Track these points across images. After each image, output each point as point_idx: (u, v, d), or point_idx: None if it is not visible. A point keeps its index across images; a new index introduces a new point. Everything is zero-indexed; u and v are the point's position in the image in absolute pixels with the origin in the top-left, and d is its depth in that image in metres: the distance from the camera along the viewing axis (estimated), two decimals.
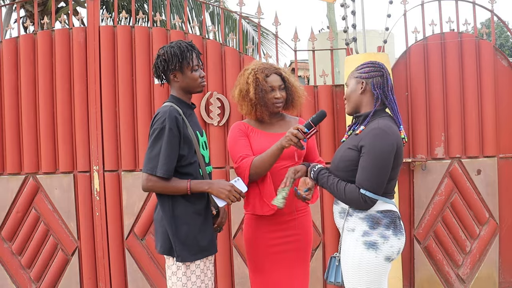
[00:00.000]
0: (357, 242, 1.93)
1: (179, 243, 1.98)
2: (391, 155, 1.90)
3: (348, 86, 2.08)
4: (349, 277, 1.96)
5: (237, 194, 2.01)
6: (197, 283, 2.02)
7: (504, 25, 3.81)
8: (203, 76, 2.11)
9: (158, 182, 1.94)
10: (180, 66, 2.04)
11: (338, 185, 1.96)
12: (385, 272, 1.94)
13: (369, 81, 2.00)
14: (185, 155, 2.00)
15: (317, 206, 3.44)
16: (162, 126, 1.94)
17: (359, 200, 1.89)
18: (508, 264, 3.57)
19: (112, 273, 3.42)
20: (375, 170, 1.88)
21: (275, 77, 2.28)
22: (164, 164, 1.92)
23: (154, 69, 2.11)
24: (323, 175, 2.02)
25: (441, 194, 3.50)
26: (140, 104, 3.41)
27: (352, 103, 2.06)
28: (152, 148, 1.95)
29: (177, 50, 2.03)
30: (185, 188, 1.96)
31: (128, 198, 3.41)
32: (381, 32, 3.54)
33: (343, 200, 1.96)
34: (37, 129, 3.41)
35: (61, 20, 3.50)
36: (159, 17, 3.53)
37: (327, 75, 3.57)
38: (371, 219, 1.92)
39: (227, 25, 7.34)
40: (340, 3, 3.44)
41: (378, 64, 2.04)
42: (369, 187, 1.88)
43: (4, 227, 3.41)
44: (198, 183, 1.99)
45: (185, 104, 2.11)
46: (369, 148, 1.89)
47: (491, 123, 3.53)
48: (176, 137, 1.95)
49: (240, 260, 3.43)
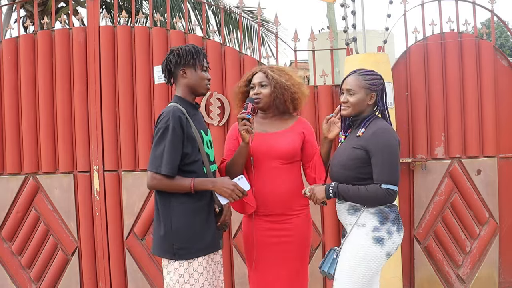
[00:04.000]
0: (367, 236, 2.03)
1: (178, 240, 2.00)
2: (398, 148, 2.07)
3: (356, 93, 2.13)
4: (346, 268, 2.04)
5: (240, 192, 2.06)
6: (199, 280, 2.02)
7: (504, 25, 3.81)
8: (210, 79, 2.18)
9: (163, 180, 1.98)
10: (193, 63, 2.10)
11: (360, 189, 2.05)
12: (381, 267, 2.06)
13: (377, 93, 2.15)
14: (189, 154, 2.03)
15: (317, 206, 3.44)
16: (166, 125, 1.98)
17: (384, 195, 2.01)
18: (508, 264, 3.57)
19: (112, 273, 3.42)
20: (388, 164, 2.02)
21: (257, 75, 2.36)
22: (168, 162, 1.96)
23: (164, 63, 2.15)
24: (343, 187, 2.11)
25: (441, 194, 3.50)
26: (140, 104, 3.41)
27: (357, 110, 2.16)
28: (157, 147, 1.99)
29: (192, 49, 2.12)
30: (189, 186, 1.99)
31: (128, 198, 3.41)
32: (381, 32, 3.54)
33: (369, 201, 2.05)
34: (37, 129, 3.41)
35: (61, 20, 3.50)
36: (159, 17, 3.53)
37: (327, 75, 3.57)
38: (381, 214, 2.04)
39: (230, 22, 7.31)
40: (340, 3, 3.44)
41: (381, 76, 2.19)
42: (389, 181, 2.01)
43: (4, 227, 3.42)
44: (202, 181, 2.02)
45: (189, 104, 2.14)
46: (378, 146, 2.02)
47: (491, 123, 3.52)
48: (179, 136, 1.99)
49: (240, 260, 3.43)
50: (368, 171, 2.05)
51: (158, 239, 2.06)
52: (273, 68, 2.39)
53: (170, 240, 2.01)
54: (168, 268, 2.06)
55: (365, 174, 2.06)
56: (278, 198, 2.27)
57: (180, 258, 2.01)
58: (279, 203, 2.27)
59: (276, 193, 2.27)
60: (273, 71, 2.35)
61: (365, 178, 2.06)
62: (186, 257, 2.01)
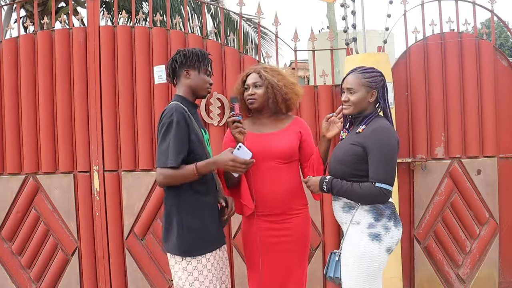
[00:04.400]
0: (363, 234, 2.03)
1: (188, 237, 2.01)
2: (396, 148, 2.05)
3: (356, 92, 2.13)
4: (350, 269, 2.04)
5: (241, 165, 2.03)
6: (208, 276, 2.04)
7: (504, 25, 3.81)
8: (212, 83, 2.21)
9: (167, 171, 1.98)
10: (198, 66, 2.13)
11: (353, 186, 2.05)
12: (383, 263, 2.05)
13: (378, 90, 2.14)
14: (194, 148, 2.05)
15: (317, 206, 3.44)
16: (170, 120, 1.99)
17: (378, 193, 2.00)
18: (508, 264, 3.57)
19: (112, 273, 3.42)
20: (385, 163, 2.01)
21: (251, 76, 2.37)
22: (173, 154, 1.97)
23: (169, 62, 2.17)
24: (336, 182, 2.11)
25: (441, 194, 3.50)
26: (140, 104, 3.41)
27: (358, 108, 2.16)
28: (162, 143, 2.00)
29: (198, 52, 2.15)
30: (192, 170, 1.98)
31: (128, 198, 3.41)
32: (381, 32, 3.54)
33: (362, 198, 2.05)
34: (37, 129, 3.41)
35: (61, 20, 3.49)
36: (159, 17, 3.53)
37: (327, 75, 3.57)
38: (375, 211, 2.04)
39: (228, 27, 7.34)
40: (340, 3, 3.44)
41: (381, 72, 2.18)
42: (384, 180, 2.00)
43: (4, 227, 3.42)
44: (203, 163, 2.02)
45: (190, 103, 2.16)
46: (376, 145, 2.02)
47: (491, 123, 3.52)
48: (184, 130, 2.00)
49: (240, 260, 3.43)
50: (365, 168, 2.05)
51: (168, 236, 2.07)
52: (266, 68, 2.38)
53: (181, 236, 2.02)
54: (175, 268, 2.07)
55: (362, 171, 2.06)
56: (278, 198, 2.27)
57: (189, 255, 2.02)
58: (278, 203, 2.27)
59: (276, 193, 2.27)
60: (267, 71, 2.36)
61: (361, 175, 2.06)
62: (195, 254, 2.02)
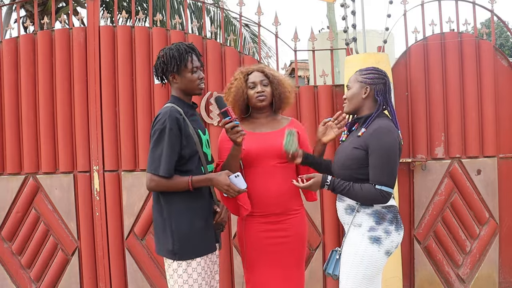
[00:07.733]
0: (363, 236, 2.03)
1: (179, 240, 2.00)
2: (397, 150, 2.04)
3: (351, 88, 2.16)
4: (348, 269, 2.05)
5: (235, 192, 2.04)
6: (198, 280, 2.03)
7: (504, 25, 3.81)
8: (202, 77, 2.12)
9: (161, 181, 1.98)
10: (178, 69, 2.07)
11: (354, 187, 2.05)
12: (382, 266, 2.05)
13: (373, 87, 2.12)
14: (186, 153, 2.03)
15: (317, 206, 3.45)
16: (163, 126, 1.98)
17: (378, 195, 2.00)
18: (508, 264, 3.57)
19: (112, 273, 3.42)
20: (386, 165, 2.00)
21: (255, 74, 2.35)
22: (166, 163, 1.96)
23: (154, 70, 2.15)
24: (338, 182, 2.10)
25: (441, 194, 3.50)
26: (140, 104, 3.41)
27: (353, 105, 2.16)
28: (155, 149, 1.99)
29: (176, 53, 2.06)
30: (187, 183, 1.99)
31: (128, 198, 3.41)
32: (381, 32, 3.54)
33: (362, 199, 2.05)
34: (37, 129, 3.41)
35: (61, 20, 3.49)
36: (159, 17, 3.53)
37: (327, 75, 3.57)
38: (377, 215, 2.04)
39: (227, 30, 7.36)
40: (340, 3, 3.44)
41: (382, 71, 2.15)
42: (384, 182, 2.00)
43: (4, 227, 3.41)
44: (199, 178, 2.02)
45: (186, 104, 2.13)
46: (377, 146, 2.00)
47: (491, 123, 3.52)
48: (177, 137, 1.99)
49: (240, 260, 3.42)
50: (367, 172, 2.05)
51: (159, 239, 2.07)
52: (267, 68, 2.40)
53: (171, 239, 2.01)
54: (168, 271, 2.07)
55: (364, 175, 2.05)
56: (277, 198, 2.27)
57: (179, 258, 2.01)
58: (277, 203, 2.27)
59: (273, 193, 2.26)
60: (270, 70, 2.38)
61: (363, 179, 2.06)
62: (185, 258, 2.01)
